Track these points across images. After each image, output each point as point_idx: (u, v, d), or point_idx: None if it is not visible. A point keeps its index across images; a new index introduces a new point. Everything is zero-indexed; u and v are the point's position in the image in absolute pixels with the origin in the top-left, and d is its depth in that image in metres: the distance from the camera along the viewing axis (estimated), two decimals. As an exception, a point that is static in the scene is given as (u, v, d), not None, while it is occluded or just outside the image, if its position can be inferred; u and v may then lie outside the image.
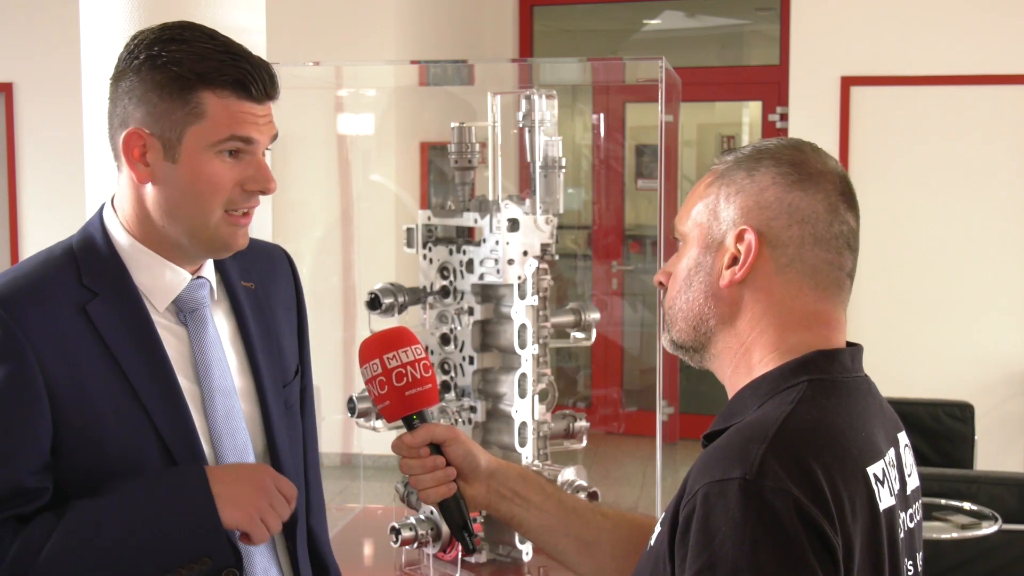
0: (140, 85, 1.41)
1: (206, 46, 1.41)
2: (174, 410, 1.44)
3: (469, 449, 1.50)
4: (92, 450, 1.39)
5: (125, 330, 1.43)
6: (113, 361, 1.41)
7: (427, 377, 1.48)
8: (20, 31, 6.39)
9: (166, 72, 1.39)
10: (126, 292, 1.45)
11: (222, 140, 1.41)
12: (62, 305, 1.40)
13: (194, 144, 1.41)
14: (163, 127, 1.40)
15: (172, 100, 1.39)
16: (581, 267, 7.49)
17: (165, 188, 1.43)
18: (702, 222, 1.29)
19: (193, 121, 1.40)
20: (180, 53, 1.40)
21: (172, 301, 1.49)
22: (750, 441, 1.13)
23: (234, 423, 1.51)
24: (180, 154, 1.41)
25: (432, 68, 3.20)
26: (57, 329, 1.39)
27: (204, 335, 1.51)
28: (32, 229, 6.51)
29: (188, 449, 1.44)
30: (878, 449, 1.22)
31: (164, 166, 1.42)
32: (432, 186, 6.29)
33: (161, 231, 1.46)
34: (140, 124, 1.41)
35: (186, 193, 1.42)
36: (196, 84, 1.39)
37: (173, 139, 1.41)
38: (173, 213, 1.44)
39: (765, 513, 1.07)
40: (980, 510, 3.54)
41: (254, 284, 1.62)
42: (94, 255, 1.46)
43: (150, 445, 1.42)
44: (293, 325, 1.71)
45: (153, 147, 1.41)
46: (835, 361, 1.25)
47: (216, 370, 1.51)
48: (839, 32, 6.17)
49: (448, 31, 6.83)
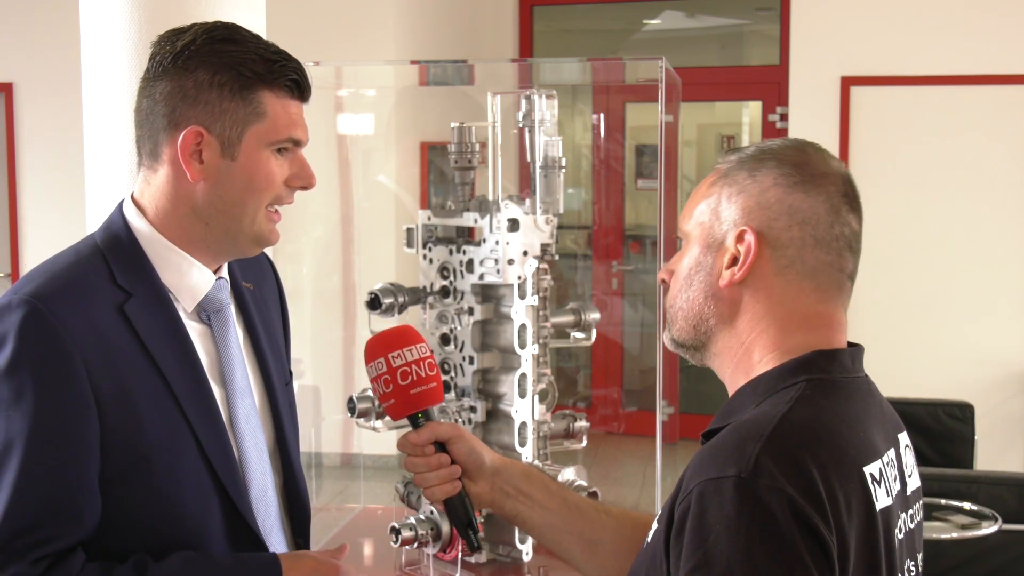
0: (195, 85, 1.42)
1: (258, 46, 1.44)
2: (208, 412, 1.45)
3: (474, 447, 1.51)
4: (133, 450, 1.38)
5: (160, 331, 1.43)
6: (151, 362, 1.40)
7: (432, 375, 1.48)
8: (20, 31, 6.39)
9: (226, 72, 1.41)
10: (157, 292, 1.45)
11: (280, 140, 1.45)
12: (101, 305, 1.39)
13: (254, 143, 1.44)
14: (223, 126, 1.42)
15: (233, 99, 1.42)
16: (581, 267, 7.49)
17: (219, 185, 1.44)
18: (704, 221, 1.29)
19: (254, 120, 1.43)
20: (238, 54, 1.42)
21: (199, 302, 1.49)
22: (746, 439, 1.13)
23: (253, 422, 1.53)
24: (239, 152, 1.43)
25: (432, 68, 3.20)
26: (99, 330, 1.37)
27: (227, 335, 1.52)
28: (32, 229, 6.51)
29: (221, 449, 1.45)
30: (876, 449, 1.22)
31: (221, 164, 1.44)
32: (432, 186, 6.30)
33: (201, 230, 1.47)
34: (198, 123, 1.42)
35: (242, 190, 1.45)
36: (257, 84, 1.43)
37: (233, 137, 1.43)
38: (225, 210, 1.45)
39: (760, 511, 1.07)
40: (980, 510, 3.54)
41: (252, 285, 1.63)
42: (122, 254, 1.46)
43: (188, 446, 1.42)
44: (280, 326, 1.73)
45: (210, 145, 1.43)
46: (835, 361, 1.25)
47: (238, 368, 1.52)
48: (839, 32, 6.17)
49: (448, 31, 6.83)
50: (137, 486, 1.38)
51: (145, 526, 1.40)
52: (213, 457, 1.43)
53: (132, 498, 1.38)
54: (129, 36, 2.48)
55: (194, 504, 1.43)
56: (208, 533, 1.44)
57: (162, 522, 1.41)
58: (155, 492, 1.39)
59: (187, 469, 1.42)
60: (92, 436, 1.34)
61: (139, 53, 2.45)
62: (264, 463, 1.54)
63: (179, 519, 1.41)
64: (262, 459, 1.53)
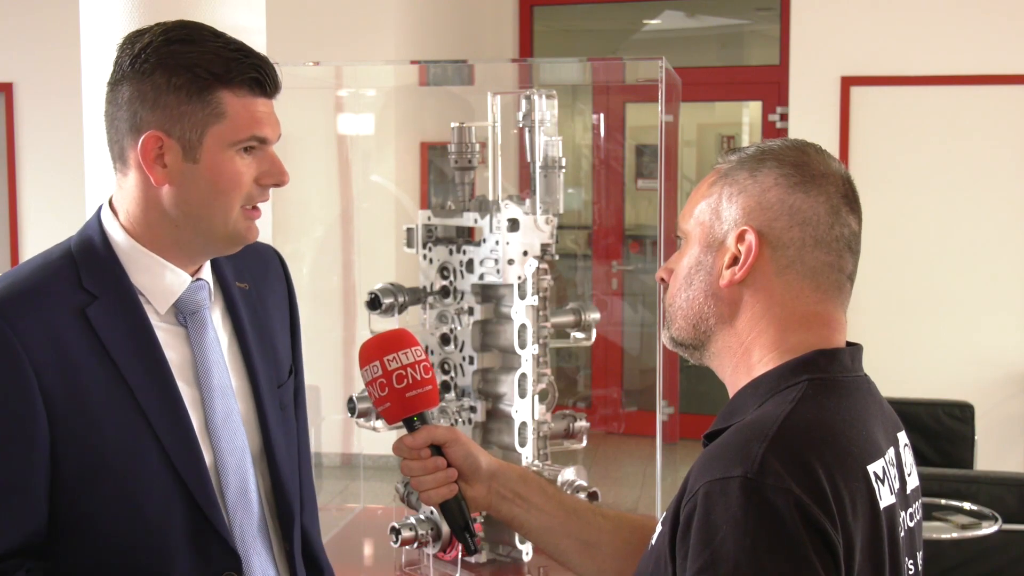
0: (152, 89, 1.40)
1: (216, 45, 1.41)
2: (173, 415, 1.43)
3: (470, 450, 1.50)
4: (90, 457, 1.38)
5: (124, 334, 1.42)
6: (112, 366, 1.40)
7: (427, 379, 1.48)
8: (20, 31, 6.39)
9: (182, 74, 1.39)
10: (125, 295, 1.44)
11: (243, 140, 1.43)
12: (61, 310, 1.39)
13: (215, 144, 1.42)
14: (182, 129, 1.41)
15: (191, 102, 1.40)
16: (581, 267, 7.49)
17: (184, 189, 1.43)
18: (704, 221, 1.30)
19: (214, 121, 1.41)
20: (194, 54, 1.40)
21: (172, 303, 1.49)
22: (751, 440, 1.13)
23: (233, 424, 1.51)
24: (201, 154, 1.42)
25: (432, 68, 3.20)
26: (55, 335, 1.37)
27: (204, 337, 1.50)
28: (32, 229, 6.51)
29: (187, 453, 1.44)
30: (878, 448, 1.22)
31: (184, 167, 1.42)
32: (432, 186, 6.29)
33: (173, 232, 1.46)
34: (157, 127, 1.41)
35: (208, 192, 1.43)
36: (214, 84, 1.40)
37: (194, 140, 1.41)
38: (193, 212, 1.44)
39: (766, 511, 1.07)
40: (980, 510, 3.53)
41: (248, 285, 1.62)
42: (93, 257, 1.45)
43: (149, 451, 1.41)
44: (286, 325, 1.70)
45: (171, 149, 1.41)
46: (835, 360, 1.25)
47: (216, 372, 1.50)
48: (839, 32, 6.16)
49: (448, 31, 6.83)
50: (97, 491, 1.38)
51: (106, 531, 1.40)
52: (177, 460, 1.42)
53: (92, 503, 1.38)
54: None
55: (156, 509, 1.42)
56: (173, 539, 1.43)
57: (123, 526, 1.40)
58: (115, 497, 1.39)
59: (148, 473, 1.41)
60: (39, 442, 1.35)
61: (139, 53, 2.45)
62: (244, 466, 1.52)
63: (140, 524, 1.41)
64: (242, 462, 1.51)
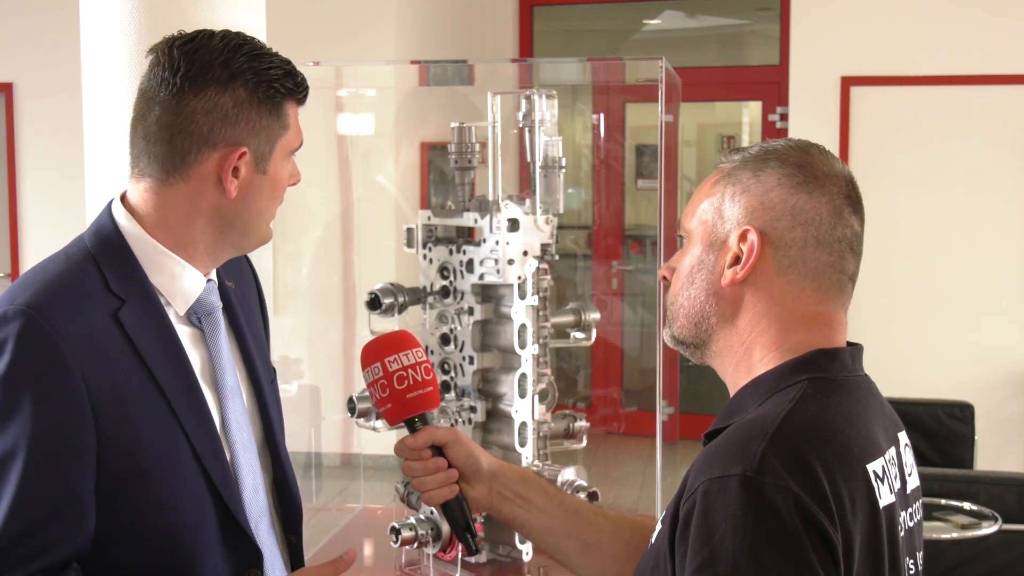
0: (233, 102, 1.40)
1: (280, 59, 1.46)
2: (199, 415, 1.44)
3: (471, 451, 1.51)
4: (130, 460, 1.37)
5: (152, 336, 1.42)
6: (145, 368, 1.40)
7: (428, 380, 1.48)
8: (20, 31, 6.39)
9: (263, 90, 1.42)
10: (149, 297, 1.44)
11: (297, 148, 1.50)
12: (96, 312, 1.38)
13: (280, 154, 1.47)
14: (259, 142, 1.44)
15: (270, 115, 1.44)
16: (581, 267, 7.49)
17: (250, 199, 1.46)
18: (707, 220, 1.30)
19: (282, 133, 1.46)
20: (271, 70, 1.43)
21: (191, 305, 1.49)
22: (750, 438, 1.13)
23: (242, 422, 1.53)
24: (270, 165, 1.46)
25: (432, 68, 3.20)
26: (94, 338, 1.36)
27: (218, 337, 1.51)
28: (32, 229, 6.51)
29: (213, 452, 1.45)
30: (878, 447, 1.22)
31: (254, 178, 1.45)
32: (432, 186, 6.29)
33: (212, 237, 1.47)
34: (241, 142, 1.42)
35: (267, 200, 1.48)
36: (286, 98, 1.45)
37: (266, 152, 1.45)
38: (249, 220, 1.47)
39: (765, 509, 1.07)
40: (980, 510, 3.54)
41: (234, 284, 1.63)
42: (113, 259, 1.44)
43: (183, 452, 1.42)
44: (260, 320, 1.72)
45: (247, 162, 1.44)
46: (835, 360, 1.25)
47: (228, 371, 1.52)
48: (839, 32, 6.16)
49: (448, 31, 6.83)
50: (135, 494, 1.38)
51: (142, 534, 1.40)
52: (206, 461, 1.43)
53: (129, 506, 1.38)
54: (129, 36, 2.48)
55: (190, 510, 1.42)
56: (204, 538, 1.43)
57: (159, 529, 1.40)
58: (152, 500, 1.39)
59: (183, 475, 1.41)
60: (89, 447, 1.34)
61: (139, 53, 2.45)
62: (253, 462, 1.53)
63: (175, 525, 1.41)
64: (251, 458, 1.53)
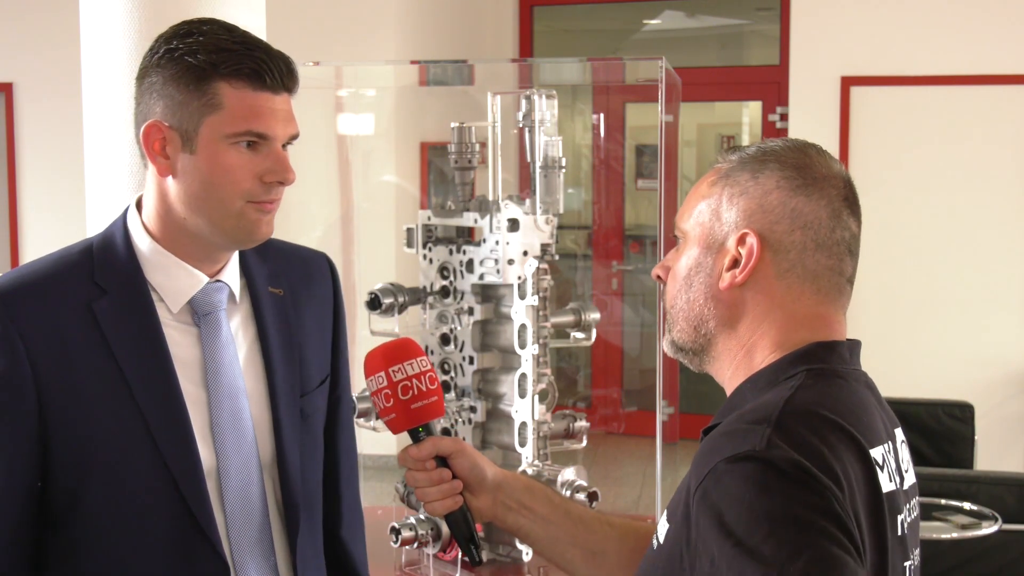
0: (160, 79, 1.42)
1: (222, 37, 1.43)
2: (172, 413, 1.43)
3: (475, 461, 1.49)
4: (79, 446, 1.39)
5: (130, 330, 1.43)
6: (112, 360, 1.40)
7: (433, 390, 1.46)
8: (20, 31, 6.39)
9: (182, 64, 1.41)
10: (137, 291, 1.45)
11: (238, 133, 1.41)
12: (66, 302, 1.41)
13: (210, 135, 1.41)
14: (181, 118, 1.41)
15: (189, 91, 1.41)
16: (581, 267, 7.48)
17: (185, 180, 1.44)
18: (704, 222, 1.29)
19: (209, 112, 1.41)
20: (196, 45, 1.41)
21: (187, 303, 1.48)
22: (755, 423, 1.13)
23: (241, 428, 1.50)
24: (197, 145, 1.42)
25: (432, 68, 3.20)
26: (57, 327, 1.39)
27: (216, 338, 1.50)
28: (32, 229, 6.51)
29: (182, 453, 1.43)
30: (878, 435, 1.21)
31: (183, 158, 1.43)
32: (432, 186, 6.29)
33: (183, 226, 1.46)
34: (159, 117, 1.42)
35: (204, 184, 1.43)
36: (211, 74, 1.40)
37: (191, 130, 1.42)
38: (194, 205, 1.44)
39: (778, 482, 1.07)
40: (980, 510, 3.54)
41: (283, 290, 1.60)
42: (111, 254, 1.47)
43: (141, 447, 1.41)
44: (326, 335, 1.68)
45: (172, 139, 1.43)
46: (833, 352, 1.25)
47: (226, 373, 1.49)
48: (839, 32, 6.16)
49: (448, 31, 6.82)
50: (85, 481, 1.40)
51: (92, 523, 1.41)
52: (171, 459, 1.42)
53: (80, 492, 1.40)
54: (129, 36, 2.48)
55: (142, 506, 1.42)
56: (153, 536, 1.43)
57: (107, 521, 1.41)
58: (102, 490, 1.40)
59: (136, 469, 1.41)
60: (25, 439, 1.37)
61: (139, 53, 2.44)
62: (250, 472, 1.50)
63: (124, 520, 1.41)
64: (247, 467, 1.50)
